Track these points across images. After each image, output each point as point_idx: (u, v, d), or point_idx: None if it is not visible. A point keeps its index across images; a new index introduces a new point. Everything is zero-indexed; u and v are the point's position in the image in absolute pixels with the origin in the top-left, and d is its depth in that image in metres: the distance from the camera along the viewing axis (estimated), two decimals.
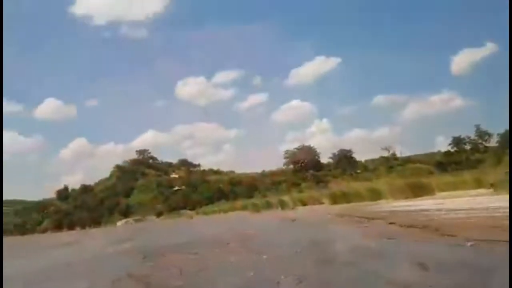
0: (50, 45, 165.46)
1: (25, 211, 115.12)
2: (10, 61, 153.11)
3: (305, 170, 79.34)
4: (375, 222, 7.29)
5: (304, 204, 27.59)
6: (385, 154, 78.15)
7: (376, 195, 20.74)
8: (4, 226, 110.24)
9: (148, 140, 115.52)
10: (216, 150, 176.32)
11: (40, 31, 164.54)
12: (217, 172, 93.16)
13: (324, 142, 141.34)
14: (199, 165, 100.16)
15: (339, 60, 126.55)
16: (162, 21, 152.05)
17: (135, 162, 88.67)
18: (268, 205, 33.43)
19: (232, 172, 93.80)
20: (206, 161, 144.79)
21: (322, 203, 26.57)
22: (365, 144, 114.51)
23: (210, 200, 63.33)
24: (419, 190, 18.49)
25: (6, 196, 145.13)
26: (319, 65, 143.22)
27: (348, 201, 22.15)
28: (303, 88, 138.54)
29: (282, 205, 28.51)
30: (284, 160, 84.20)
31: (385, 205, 15.11)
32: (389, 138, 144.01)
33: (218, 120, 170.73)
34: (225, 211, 43.48)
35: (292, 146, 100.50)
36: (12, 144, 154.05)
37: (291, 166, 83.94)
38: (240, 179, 73.99)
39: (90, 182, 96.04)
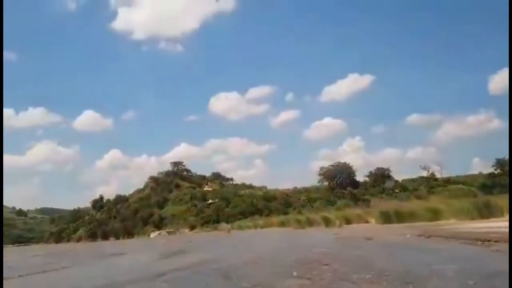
0: (90, 59, 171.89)
1: (61, 220, 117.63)
2: (51, 73, 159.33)
3: (340, 187, 77.42)
4: (498, 245, 5.98)
5: (348, 222, 26.19)
6: (424, 174, 75.30)
7: (434, 215, 19.26)
8: (40, 234, 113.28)
9: (181, 153, 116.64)
10: (247, 165, 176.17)
11: (81, 46, 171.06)
12: (249, 187, 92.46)
13: (357, 160, 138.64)
14: (232, 179, 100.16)
15: (373, 78, 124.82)
16: (197, 37, 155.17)
17: (169, 173, 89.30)
18: (309, 222, 32.16)
19: (264, 187, 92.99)
20: (237, 176, 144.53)
21: (367, 221, 25.11)
22: (398, 164, 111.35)
23: (244, 215, 62.43)
24: (486, 211, 16.90)
25: (43, 204, 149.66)
26: (352, 83, 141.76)
27: (401, 221, 20.65)
28: (335, 106, 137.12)
29: (327, 222, 27.18)
30: (318, 177, 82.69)
31: (459, 225, 13.60)
32: (423, 158, 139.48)
33: (250, 135, 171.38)
34: (261, 227, 42.36)
35: (324, 163, 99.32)
36: (51, 154, 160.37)
37: (326, 183, 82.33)
38: (274, 195, 72.66)
39: (124, 192, 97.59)
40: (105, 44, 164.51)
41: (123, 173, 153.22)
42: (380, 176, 78.63)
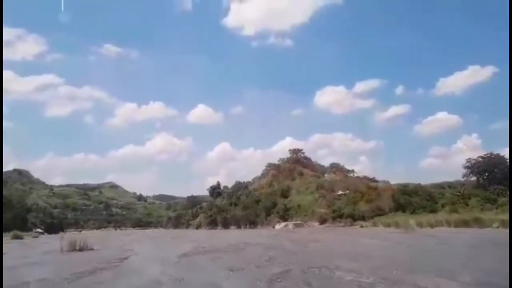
0: (204, 56, 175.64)
1: (177, 205, 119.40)
2: (168, 70, 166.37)
3: (492, 183, 64.19)
4: None
5: None
6: None
7: None
8: (157, 219, 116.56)
9: (286, 147, 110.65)
10: (351, 160, 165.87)
11: (196, 43, 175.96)
12: (373, 180, 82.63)
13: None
14: (353, 171, 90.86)
15: (496, 70, 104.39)
16: (306, 31, 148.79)
17: (290, 161, 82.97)
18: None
19: (387, 181, 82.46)
20: None
21: None
22: None
23: (382, 210, 53.59)
24: None
25: (160, 191, 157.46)
26: (471, 75, 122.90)
27: None
28: (451, 100, 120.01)
29: None
30: (464, 171, 70.05)
31: None
32: None
33: (356, 131, 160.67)
34: (431, 226, 33.45)
35: (435, 161, 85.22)
36: (168, 145, 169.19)
37: (473, 178, 69.26)
38: (414, 189, 61.92)
39: (231, 183, 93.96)
40: (217, 41, 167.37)
41: (231, 164, 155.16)
42: None
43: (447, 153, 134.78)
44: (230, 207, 69.51)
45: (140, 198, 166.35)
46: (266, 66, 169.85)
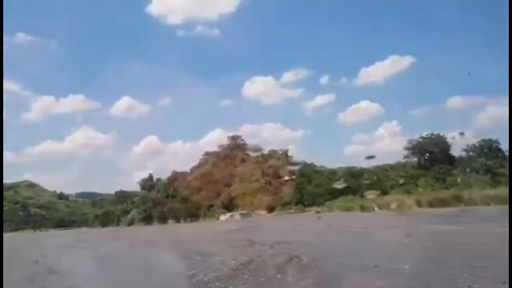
0: (127, 45, 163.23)
1: (105, 202, 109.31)
2: (89, 60, 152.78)
3: (433, 164, 64.39)
4: None
5: None
6: None
7: None
8: (80, 217, 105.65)
9: (216, 138, 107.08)
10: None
11: (118, 32, 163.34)
12: (313, 165, 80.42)
13: (393, 145, 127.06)
14: (291, 157, 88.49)
15: (414, 60, 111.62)
16: (234, 20, 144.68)
17: (231, 147, 77.73)
18: None
19: (324, 166, 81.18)
20: None
21: None
22: None
23: (332, 194, 50.73)
24: None
25: (82, 189, 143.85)
26: (391, 65, 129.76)
27: None
28: (372, 89, 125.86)
29: None
30: (405, 152, 69.75)
31: None
32: (463, 142, 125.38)
33: (284, 121, 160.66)
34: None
35: (359, 148, 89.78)
36: (90, 140, 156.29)
37: (415, 159, 69.15)
38: (360, 172, 59.84)
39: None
40: (141, 29, 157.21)
41: (160, 158, 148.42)
42: (488, 150, 64.05)
43: (369, 140, 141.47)
44: (167, 200, 62.96)
45: (61, 196, 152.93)
46: (193, 56, 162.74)
